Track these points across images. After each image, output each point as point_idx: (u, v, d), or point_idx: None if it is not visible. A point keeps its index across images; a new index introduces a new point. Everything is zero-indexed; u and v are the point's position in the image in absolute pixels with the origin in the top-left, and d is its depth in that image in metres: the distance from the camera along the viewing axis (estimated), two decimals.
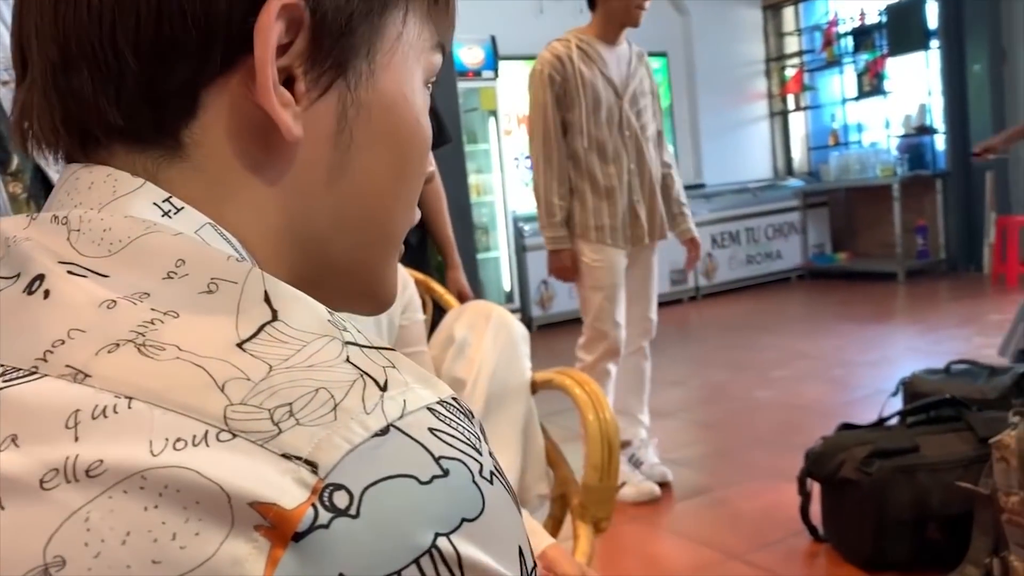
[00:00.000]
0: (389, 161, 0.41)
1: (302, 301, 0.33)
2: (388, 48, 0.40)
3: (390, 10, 0.40)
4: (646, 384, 2.88)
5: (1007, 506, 1.90)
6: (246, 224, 0.38)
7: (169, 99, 0.36)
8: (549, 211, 2.59)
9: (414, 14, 0.41)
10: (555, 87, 2.54)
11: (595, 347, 2.69)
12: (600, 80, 2.61)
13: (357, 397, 0.29)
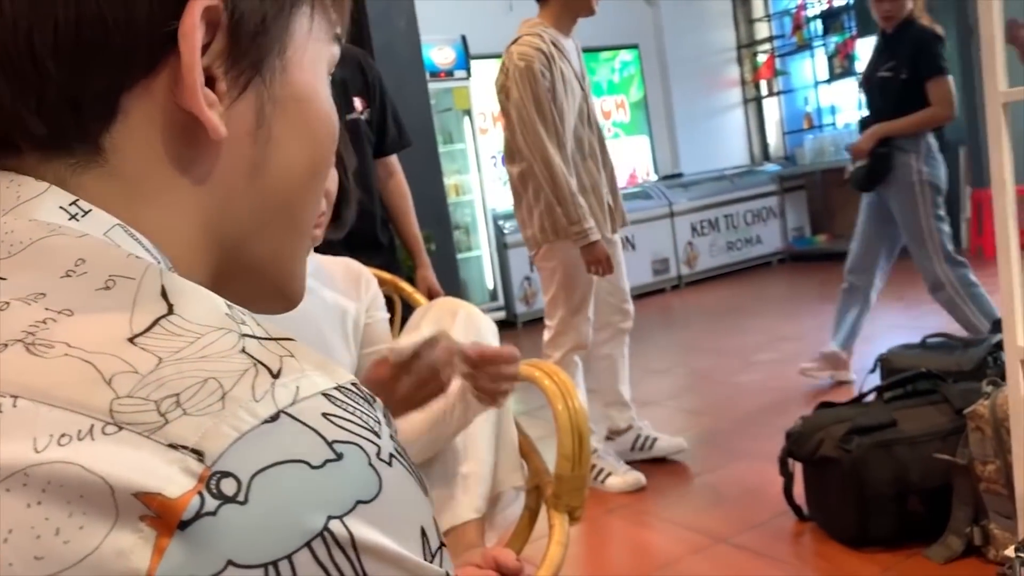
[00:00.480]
0: (304, 153, 0.42)
1: (199, 295, 0.33)
2: (298, 44, 0.41)
3: (299, 7, 0.41)
4: (628, 369, 2.92)
5: (984, 475, 1.92)
6: (166, 225, 0.38)
7: (90, 105, 0.36)
8: (575, 203, 2.50)
9: (318, 9, 0.42)
10: (545, 80, 2.49)
11: (564, 342, 2.68)
12: (570, 73, 2.59)
13: (247, 385, 0.29)
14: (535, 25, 2.60)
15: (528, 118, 2.49)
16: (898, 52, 3.16)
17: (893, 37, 3.19)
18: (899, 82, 3.13)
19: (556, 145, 2.51)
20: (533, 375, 1.27)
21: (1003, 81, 1.42)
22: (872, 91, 3.31)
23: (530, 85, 2.48)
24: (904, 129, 3.17)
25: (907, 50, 3.11)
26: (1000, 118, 1.42)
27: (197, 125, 0.37)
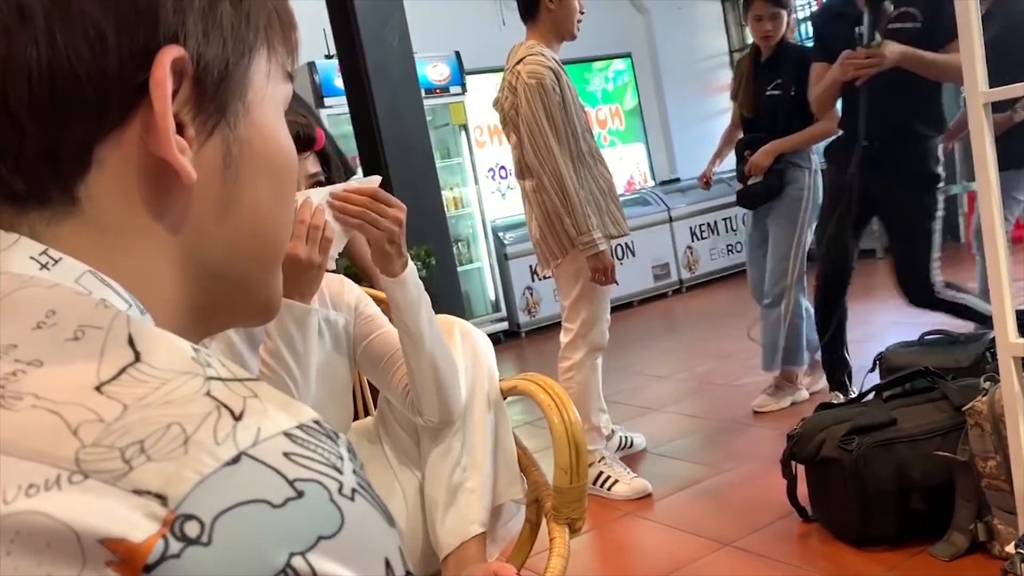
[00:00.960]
0: (271, 188, 0.44)
1: (165, 341, 0.34)
2: (258, 86, 0.43)
3: (257, 51, 0.43)
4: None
5: (985, 471, 1.93)
6: (142, 268, 0.40)
7: (66, 157, 0.37)
8: (584, 213, 2.59)
9: (272, 51, 0.44)
10: (556, 96, 2.59)
11: (583, 344, 2.75)
12: (573, 88, 2.71)
13: (209, 429, 0.30)
14: (533, 46, 2.68)
15: (540, 133, 2.58)
16: (781, 71, 3.20)
17: (773, 57, 3.24)
18: (789, 99, 3.16)
19: (568, 158, 2.61)
20: (529, 388, 1.29)
21: (983, 81, 1.44)
22: (761, 110, 3.28)
23: (542, 101, 2.57)
24: (800, 144, 3.20)
25: (791, 68, 3.15)
26: (982, 118, 1.44)
27: (168, 170, 0.38)
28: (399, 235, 1.18)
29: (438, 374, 1.21)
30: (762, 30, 3.21)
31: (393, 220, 1.17)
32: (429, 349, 1.20)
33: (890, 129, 2.71)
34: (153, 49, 0.37)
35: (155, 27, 0.37)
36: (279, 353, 1.15)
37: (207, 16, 0.39)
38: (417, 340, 1.20)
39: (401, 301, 1.18)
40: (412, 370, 1.21)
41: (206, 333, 0.45)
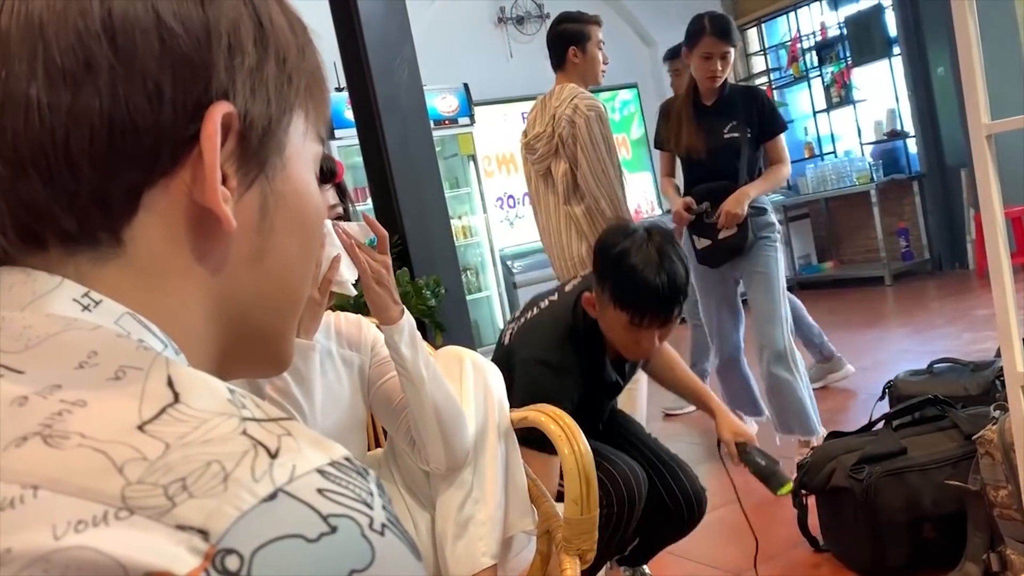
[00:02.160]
0: (299, 241, 0.47)
1: (203, 382, 0.36)
2: (295, 144, 0.46)
3: (296, 112, 0.46)
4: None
5: (997, 500, 1.92)
6: (178, 309, 0.42)
7: (117, 202, 0.39)
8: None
9: (308, 113, 0.47)
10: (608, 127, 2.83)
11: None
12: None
13: (247, 467, 0.32)
14: (575, 87, 2.89)
15: (600, 159, 2.77)
16: (733, 112, 2.96)
17: (721, 99, 2.97)
18: (746, 141, 2.94)
19: (619, 183, 2.82)
20: (539, 419, 1.30)
21: (985, 113, 1.46)
22: (718, 155, 2.95)
23: (601, 129, 2.78)
24: (770, 188, 3.05)
25: (743, 109, 2.95)
26: (985, 149, 1.46)
27: (209, 217, 0.41)
28: (387, 278, 1.21)
29: (441, 419, 1.23)
30: (710, 70, 2.89)
31: (382, 263, 1.22)
32: (431, 395, 1.22)
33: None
34: (205, 104, 0.40)
35: (208, 84, 0.40)
36: (288, 390, 1.17)
37: (255, 76, 0.42)
38: (419, 385, 1.22)
39: (400, 347, 1.21)
40: (415, 417, 1.23)
41: (225, 380, 0.47)
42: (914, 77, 6.30)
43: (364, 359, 1.34)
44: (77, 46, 0.38)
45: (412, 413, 1.23)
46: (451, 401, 1.24)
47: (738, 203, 2.87)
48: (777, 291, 2.96)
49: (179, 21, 0.40)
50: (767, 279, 2.96)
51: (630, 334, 1.79)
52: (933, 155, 6.34)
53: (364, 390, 1.33)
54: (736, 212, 2.87)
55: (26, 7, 0.39)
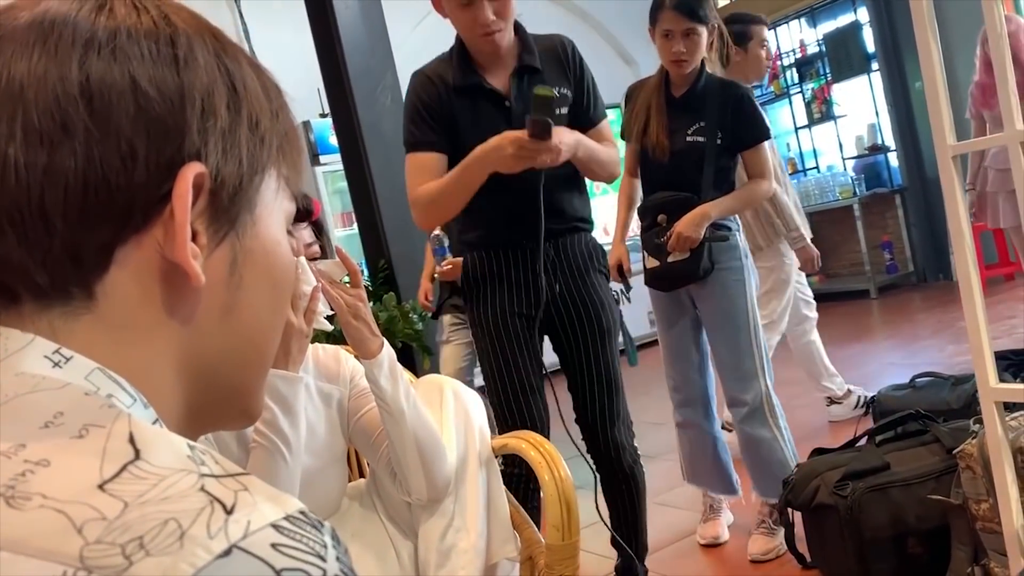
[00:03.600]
0: (268, 296, 0.48)
1: (164, 439, 0.38)
2: (266, 202, 0.47)
3: (267, 171, 0.47)
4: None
5: (979, 514, 1.94)
6: (147, 363, 0.43)
7: (89, 257, 0.41)
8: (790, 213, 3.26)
9: (280, 173, 0.49)
10: None
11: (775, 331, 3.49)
12: None
13: (203, 524, 0.33)
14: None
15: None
16: (702, 111, 2.39)
17: (692, 91, 2.41)
18: (714, 148, 2.38)
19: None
20: (520, 446, 1.31)
21: (951, 135, 1.49)
22: (678, 159, 2.40)
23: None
24: (738, 209, 2.48)
25: (716, 108, 2.38)
26: (951, 169, 1.49)
27: (179, 273, 0.42)
28: (363, 311, 1.22)
29: (422, 451, 1.24)
30: (673, 52, 2.35)
31: (354, 296, 1.24)
32: (411, 426, 1.23)
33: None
34: (177, 164, 0.42)
35: (181, 145, 0.42)
36: (276, 422, 1.18)
37: (227, 138, 0.44)
38: (399, 418, 1.23)
39: (380, 381, 1.22)
40: (396, 450, 1.24)
41: (196, 433, 0.48)
42: (893, 92, 6.38)
43: (343, 391, 1.35)
44: (55, 108, 0.40)
45: (392, 446, 1.24)
46: (431, 433, 1.25)
47: (694, 225, 2.34)
48: (744, 335, 2.42)
49: (154, 86, 0.42)
50: (730, 320, 2.42)
51: (466, 14, 1.84)
52: (914, 168, 6.41)
53: (343, 423, 1.34)
54: (689, 235, 2.35)
55: (8, 70, 0.40)
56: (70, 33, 0.41)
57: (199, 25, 0.46)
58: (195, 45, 0.44)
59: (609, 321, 2.02)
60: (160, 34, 0.43)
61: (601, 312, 2.01)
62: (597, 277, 2.04)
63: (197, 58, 0.44)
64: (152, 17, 0.44)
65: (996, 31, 1.36)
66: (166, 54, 0.43)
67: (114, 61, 0.41)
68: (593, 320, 2.00)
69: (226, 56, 0.46)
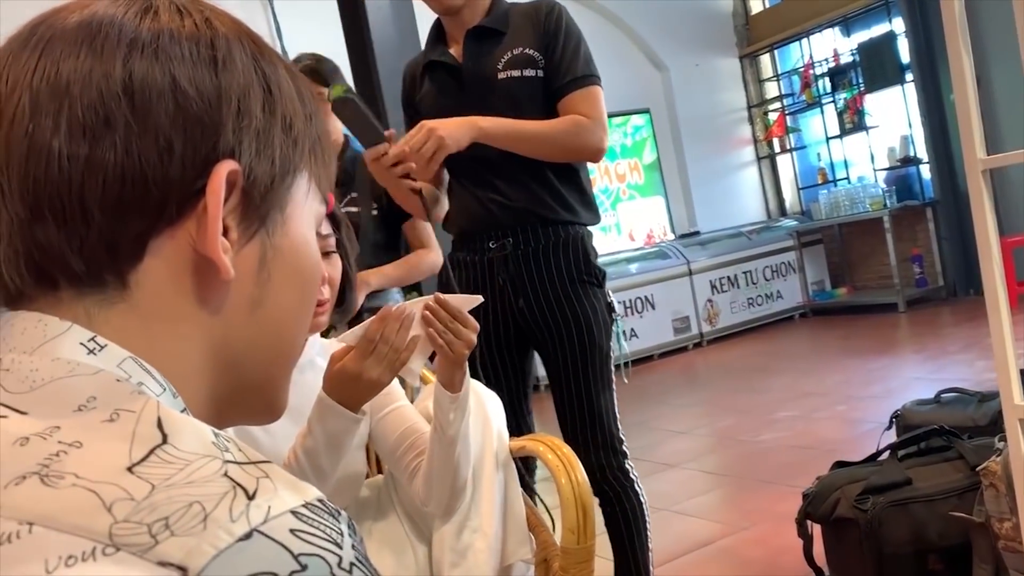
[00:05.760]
0: (296, 293, 0.50)
1: (190, 426, 0.39)
2: (297, 202, 0.49)
3: (299, 172, 0.49)
4: None
5: (1001, 532, 1.91)
6: (177, 352, 0.45)
7: (124, 247, 0.43)
8: None
9: (312, 174, 0.51)
10: None
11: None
12: None
13: (225, 507, 0.35)
14: None
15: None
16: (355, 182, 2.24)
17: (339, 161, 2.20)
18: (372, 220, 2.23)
19: None
20: (537, 449, 1.32)
21: (981, 149, 1.48)
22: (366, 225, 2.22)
23: None
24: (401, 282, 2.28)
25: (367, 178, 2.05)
26: (981, 184, 1.48)
27: (210, 266, 0.44)
28: (466, 357, 1.20)
29: (458, 473, 1.24)
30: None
31: (466, 342, 1.19)
32: (458, 452, 1.23)
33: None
34: (212, 161, 0.44)
35: (216, 143, 0.44)
36: (316, 453, 1.17)
37: (261, 138, 0.46)
38: (451, 445, 1.22)
39: (450, 411, 1.20)
40: (435, 469, 1.23)
41: (220, 426, 0.49)
42: (927, 103, 6.31)
43: None
44: (98, 104, 0.42)
45: (432, 465, 1.23)
46: (469, 460, 1.25)
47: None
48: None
49: (193, 85, 0.44)
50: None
51: None
52: (947, 181, 6.33)
53: (368, 414, 1.35)
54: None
55: (56, 68, 0.43)
56: (116, 34, 0.43)
57: (239, 29, 0.48)
58: (234, 48, 0.46)
59: (588, 339, 1.78)
60: (201, 37, 0.45)
61: (575, 328, 1.78)
62: (578, 287, 1.79)
63: (235, 61, 0.46)
64: (194, 21, 0.46)
65: None
66: (206, 56, 0.45)
67: (156, 61, 0.43)
68: (564, 339, 1.77)
69: (263, 60, 0.48)
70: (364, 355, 1.13)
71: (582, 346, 1.79)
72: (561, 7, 1.83)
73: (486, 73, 1.76)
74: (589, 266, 1.82)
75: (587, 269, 1.82)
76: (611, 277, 6.93)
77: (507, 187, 1.76)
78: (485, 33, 1.79)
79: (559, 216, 1.79)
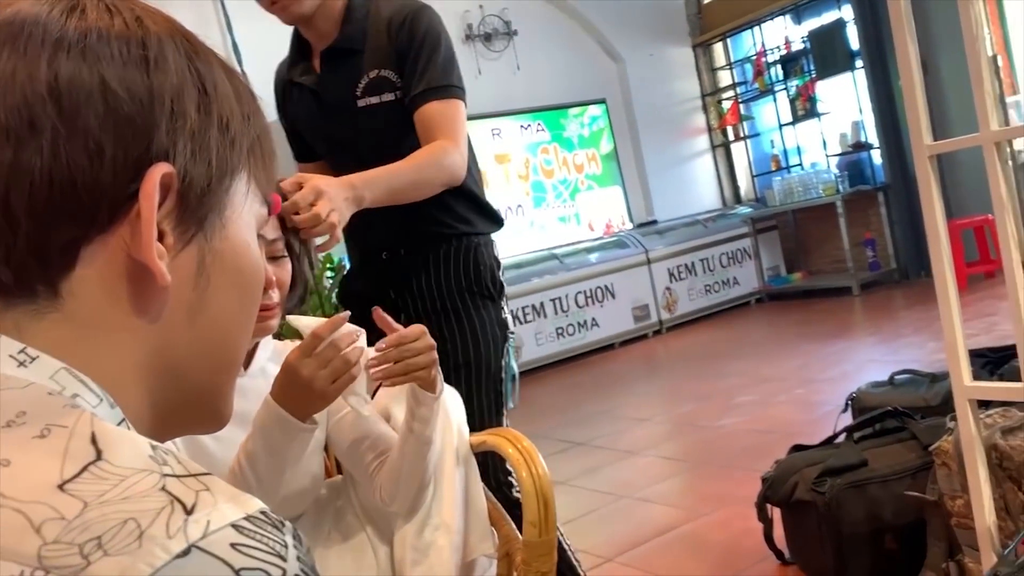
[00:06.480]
0: (237, 298, 0.49)
1: (126, 439, 0.38)
2: (236, 205, 0.48)
3: (237, 174, 0.48)
4: None
5: (954, 510, 1.96)
6: (113, 362, 0.43)
7: (54, 256, 0.41)
8: None
9: (252, 176, 0.49)
10: None
11: None
12: None
13: (162, 524, 0.34)
14: None
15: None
16: None
17: None
18: None
19: None
20: (498, 443, 1.31)
21: (928, 134, 1.50)
22: None
23: None
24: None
25: None
26: (928, 169, 1.50)
27: (145, 272, 0.42)
28: (436, 360, 1.17)
29: (425, 475, 1.23)
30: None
31: (427, 348, 1.17)
32: (428, 454, 1.22)
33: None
34: (145, 164, 0.42)
35: (149, 145, 0.42)
36: (255, 459, 1.14)
37: (196, 139, 0.44)
38: (426, 445, 1.20)
39: (427, 414, 1.19)
40: (405, 469, 1.21)
41: (163, 436, 0.48)
42: (876, 90, 6.42)
43: None
44: (23, 106, 0.40)
45: (404, 467, 1.21)
46: (434, 457, 1.24)
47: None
48: None
49: (123, 86, 0.42)
50: None
51: None
52: (897, 166, 6.45)
53: (324, 416, 1.33)
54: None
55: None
56: (40, 33, 0.42)
57: (172, 28, 0.46)
58: (166, 47, 0.45)
59: (475, 356, 1.68)
60: (131, 36, 0.44)
61: (460, 343, 1.68)
62: (467, 300, 1.70)
63: (168, 60, 0.44)
64: (124, 19, 0.44)
65: (972, 32, 1.37)
66: (136, 55, 0.43)
67: (83, 61, 0.41)
68: (448, 353, 1.66)
69: (197, 59, 0.46)
70: (306, 352, 1.10)
71: (467, 363, 1.67)
72: (419, 12, 1.66)
73: (345, 100, 1.65)
74: (480, 278, 1.72)
75: (478, 281, 1.71)
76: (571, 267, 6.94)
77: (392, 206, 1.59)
78: (340, 53, 1.66)
79: (453, 229, 1.71)
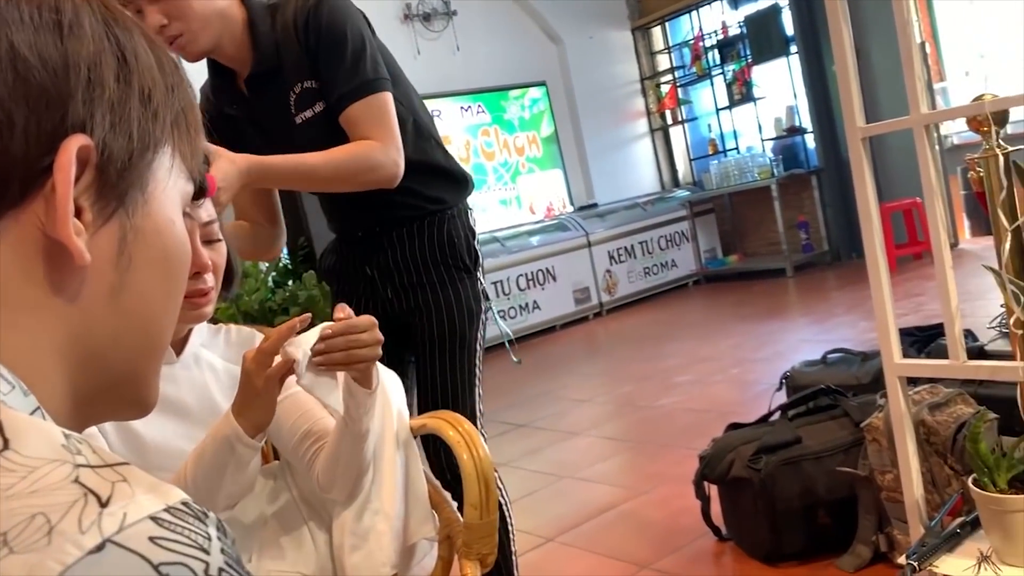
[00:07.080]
0: (161, 278, 0.46)
1: (35, 428, 0.35)
2: (159, 180, 0.45)
3: (161, 148, 0.45)
4: None
5: (884, 484, 2.02)
6: (27, 345, 0.40)
7: None
8: None
9: (176, 150, 0.46)
10: None
11: None
12: None
13: (74, 518, 0.31)
14: None
15: None
16: None
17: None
18: None
19: None
20: (438, 426, 1.30)
21: (860, 117, 1.53)
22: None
23: None
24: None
25: None
26: (861, 152, 1.53)
27: (63, 251, 0.40)
28: (379, 356, 1.15)
29: (363, 464, 1.21)
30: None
31: (374, 342, 1.14)
32: (365, 445, 1.20)
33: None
34: (60, 136, 0.39)
35: (64, 116, 0.40)
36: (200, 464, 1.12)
37: (115, 110, 0.42)
38: (363, 438, 1.19)
39: (364, 406, 1.16)
40: (342, 460, 1.19)
41: (84, 423, 0.45)
42: (810, 75, 6.55)
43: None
44: None
45: (341, 457, 1.19)
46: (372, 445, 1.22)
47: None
48: None
49: (35, 53, 0.39)
50: None
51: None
52: (830, 150, 6.60)
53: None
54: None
55: None
56: None
57: None
58: (82, 13, 0.42)
59: (449, 328, 1.71)
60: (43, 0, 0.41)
61: (435, 316, 1.71)
62: (443, 273, 1.72)
63: (84, 26, 0.41)
64: None
65: (903, 18, 1.39)
66: (49, 20, 0.40)
67: None
68: (425, 327, 1.71)
69: (116, 26, 0.43)
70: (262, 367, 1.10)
71: (441, 336, 1.70)
72: (318, 5, 1.57)
73: (284, 121, 1.62)
74: (455, 252, 1.73)
75: (453, 255, 1.73)
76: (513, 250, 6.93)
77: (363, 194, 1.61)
78: (263, 76, 1.60)
79: (423, 209, 1.72)
